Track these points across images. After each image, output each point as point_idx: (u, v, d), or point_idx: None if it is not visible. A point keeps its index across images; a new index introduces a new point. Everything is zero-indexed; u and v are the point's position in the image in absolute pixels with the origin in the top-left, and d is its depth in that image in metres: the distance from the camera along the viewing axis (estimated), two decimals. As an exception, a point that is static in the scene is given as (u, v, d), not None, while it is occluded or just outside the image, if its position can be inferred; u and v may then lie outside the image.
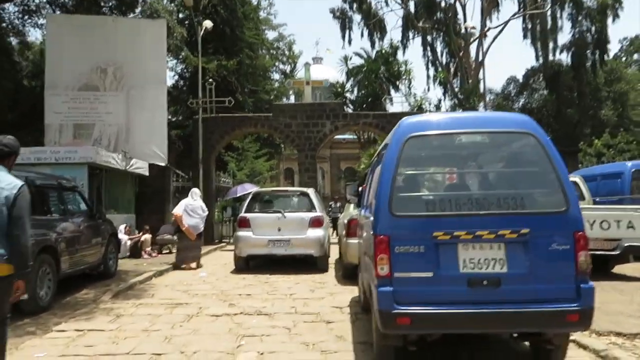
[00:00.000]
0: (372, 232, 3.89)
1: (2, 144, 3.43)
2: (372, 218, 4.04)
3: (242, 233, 9.53)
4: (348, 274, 8.49)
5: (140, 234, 12.33)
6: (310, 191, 10.11)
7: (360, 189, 6.72)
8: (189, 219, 10.25)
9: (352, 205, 8.83)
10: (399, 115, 16.28)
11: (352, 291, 7.32)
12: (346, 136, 51.13)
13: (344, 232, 8.46)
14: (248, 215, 9.62)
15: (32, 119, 15.76)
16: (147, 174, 13.97)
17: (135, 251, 12.08)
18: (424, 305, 3.59)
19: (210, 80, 17.44)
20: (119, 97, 14.64)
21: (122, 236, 12.11)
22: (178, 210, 10.42)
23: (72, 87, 14.45)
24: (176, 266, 10.29)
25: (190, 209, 10.35)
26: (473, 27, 22.84)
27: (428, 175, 4.36)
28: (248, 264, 9.88)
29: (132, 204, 13.57)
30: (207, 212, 10.82)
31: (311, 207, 9.76)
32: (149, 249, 12.41)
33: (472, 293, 3.60)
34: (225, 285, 8.17)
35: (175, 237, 12.99)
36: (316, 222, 9.51)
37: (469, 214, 3.67)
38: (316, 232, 9.43)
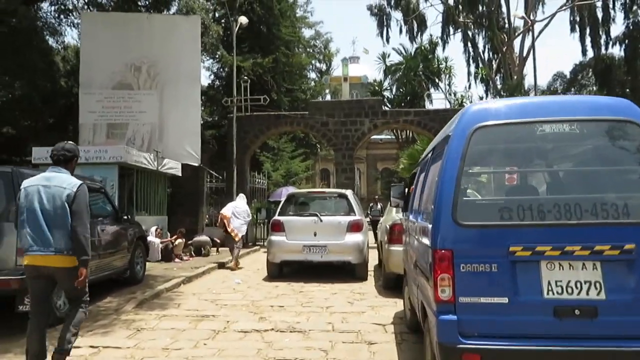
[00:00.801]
0: (429, 245, 3.16)
1: (64, 149, 3.93)
2: (428, 226, 3.31)
3: (275, 237, 8.92)
4: (390, 284, 7.75)
5: (174, 237, 11.91)
6: (349, 193, 9.40)
7: (406, 190, 5.99)
8: (235, 221, 10.80)
9: (394, 209, 8.07)
10: (442, 113, 15.37)
11: (396, 305, 6.58)
12: (383, 136, 50.28)
13: (385, 238, 7.71)
14: (282, 218, 9.00)
15: (68, 119, 15.71)
16: (179, 174, 13.59)
17: (167, 255, 11.66)
18: (497, 339, 2.84)
19: (245, 77, 16.97)
20: (153, 95, 14.34)
21: (153, 239, 11.72)
22: (227, 212, 10.96)
23: (106, 86, 14.24)
24: (221, 265, 10.62)
25: (238, 211, 10.94)
26: (522, 17, 21.46)
27: (501, 175, 3.59)
28: (281, 271, 9.26)
29: (164, 206, 13.21)
30: (250, 217, 11.59)
31: (349, 210, 9.05)
32: (181, 252, 11.99)
33: (560, 325, 2.82)
34: (257, 295, 7.56)
35: (208, 239, 12.60)
36: (355, 227, 8.79)
37: (556, 224, 2.89)
38: (355, 238, 8.72)
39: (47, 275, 3.81)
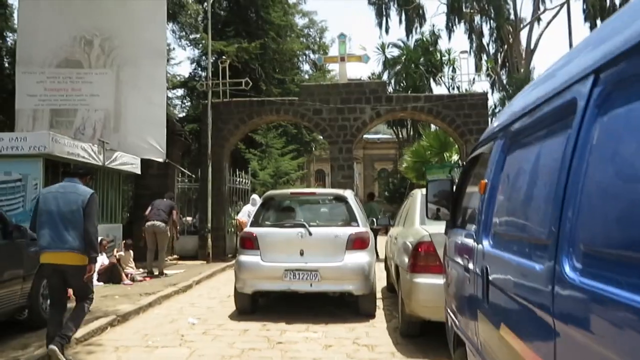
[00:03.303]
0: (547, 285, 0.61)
1: (80, 167, 5.40)
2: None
3: (245, 258, 6.32)
4: (413, 331, 5.21)
5: (115, 250, 9.31)
6: (349, 194, 6.81)
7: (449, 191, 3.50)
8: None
9: (417, 216, 5.49)
10: (458, 99, 12.83)
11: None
12: (380, 136, 47.80)
13: (405, 262, 5.13)
14: (255, 230, 6.40)
15: (12, 105, 13.03)
16: (138, 171, 10.99)
17: (114, 275, 9.06)
18: None
19: (224, 57, 14.34)
20: (108, 75, 11.73)
21: (95, 254, 9.12)
22: (243, 216, 10.50)
23: (49, 64, 11.63)
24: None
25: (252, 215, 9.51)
26: None
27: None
28: (255, 304, 6.65)
29: (117, 211, 10.58)
30: None
31: (350, 219, 6.48)
32: (132, 271, 9.39)
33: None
34: (212, 349, 4.98)
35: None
36: (358, 242, 6.22)
37: None
38: (358, 258, 6.15)
39: (61, 271, 4.33)
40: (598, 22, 32.57)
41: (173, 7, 19.33)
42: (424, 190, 6.11)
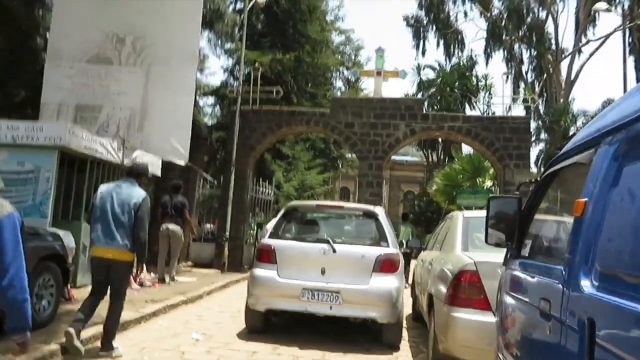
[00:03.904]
0: None
1: (137, 166, 5.03)
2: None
3: (260, 272, 5.72)
4: (446, 372, 4.48)
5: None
6: (380, 211, 6.17)
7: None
8: None
9: (457, 241, 4.81)
10: (498, 121, 12.11)
11: None
12: (408, 158, 46.98)
13: (442, 292, 4.45)
14: (274, 242, 5.81)
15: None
16: (158, 173, 10.53)
17: (123, 278, 8.57)
18: None
19: (257, 65, 13.97)
20: (137, 74, 11.43)
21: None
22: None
23: (80, 59, 11.40)
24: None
25: None
26: (606, 9, 17.90)
27: None
28: (267, 323, 6.03)
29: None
30: None
31: (380, 238, 5.83)
32: (142, 274, 8.88)
33: None
34: (213, 373, 4.38)
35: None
36: (387, 265, 5.56)
37: None
38: (386, 282, 5.49)
39: (107, 265, 4.52)
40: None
41: (211, 15, 19.26)
42: (465, 213, 5.46)
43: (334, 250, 5.58)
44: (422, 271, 6.28)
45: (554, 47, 31.87)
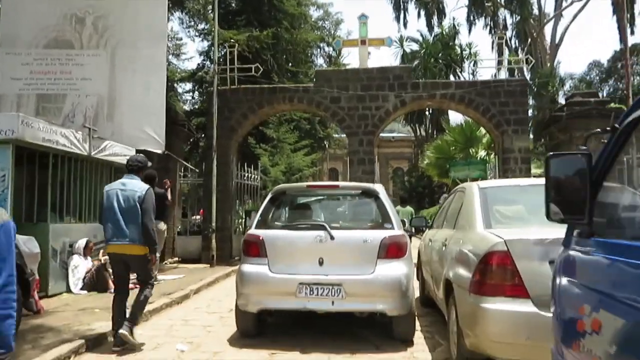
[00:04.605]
0: None
1: (136, 161, 5.01)
2: None
3: (250, 268, 4.98)
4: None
5: (101, 253, 8.05)
6: (380, 189, 5.43)
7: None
8: None
9: (478, 217, 4.08)
10: (493, 85, 11.39)
11: None
12: (395, 134, 46.31)
13: (465, 277, 3.74)
14: (262, 233, 5.05)
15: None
16: (133, 164, 9.67)
17: (100, 281, 7.81)
18: None
19: (233, 41, 13.02)
20: (101, 56, 10.47)
21: (77, 260, 7.89)
22: None
23: (37, 44, 10.40)
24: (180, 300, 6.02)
25: None
26: None
27: None
28: (262, 325, 5.30)
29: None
30: None
31: (383, 219, 5.11)
32: (121, 277, 8.11)
33: None
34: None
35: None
36: (394, 249, 4.85)
37: None
38: (393, 269, 4.78)
39: (124, 260, 4.78)
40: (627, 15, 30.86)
41: (179, -9, 18.20)
42: (480, 183, 4.73)
43: (332, 237, 4.84)
44: (431, 252, 5.59)
45: (536, 12, 31.30)
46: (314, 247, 4.86)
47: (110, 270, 8.02)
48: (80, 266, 7.93)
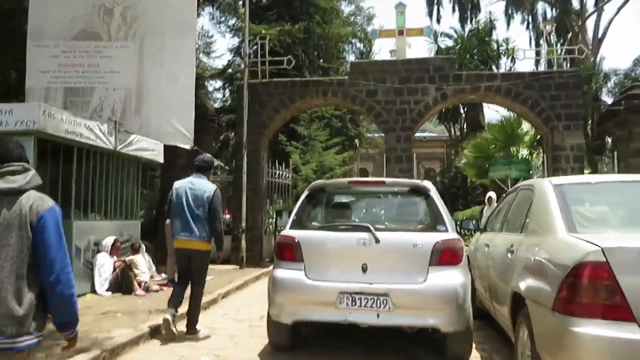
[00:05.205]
0: None
1: (203, 161, 5.26)
2: None
3: (283, 273, 4.42)
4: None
5: (127, 256, 7.65)
6: (431, 186, 4.80)
7: None
8: None
9: (557, 219, 3.40)
10: (542, 77, 10.56)
11: None
12: (426, 134, 45.17)
13: (546, 292, 3.09)
14: (297, 234, 4.48)
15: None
16: (160, 159, 9.32)
17: (124, 282, 7.40)
18: None
19: (264, 33, 12.55)
20: (129, 48, 10.15)
21: (103, 259, 7.51)
22: None
23: (65, 36, 10.14)
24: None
25: None
26: None
27: None
28: (296, 337, 4.73)
29: (135, 205, 8.94)
30: None
31: (435, 221, 4.48)
32: (145, 278, 7.70)
33: None
34: None
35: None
36: (448, 255, 4.21)
37: None
38: (448, 278, 4.15)
39: (188, 255, 5.05)
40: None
41: (211, -14, 17.89)
42: (553, 180, 4.04)
43: (377, 240, 4.24)
44: (488, 259, 4.91)
45: (577, 5, 30.01)
46: (356, 251, 4.26)
47: (136, 271, 7.67)
48: (107, 265, 7.55)
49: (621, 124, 10.40)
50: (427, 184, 4.79)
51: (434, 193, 4.65)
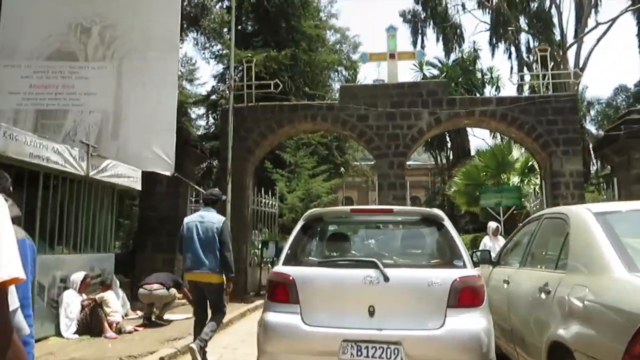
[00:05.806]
0: None
1: (212, 195, 5.53)
2: None
3: (276, 317, 3.75)
4: None
5: (96, 293, 6.89)
6: (443, 215, 4.23)
7: None
8: None
9: (608, 253, 2.85)
10: (538, 101, 10.24)
11: None
12: (411, 162, 45.08)
13: (606, 347, 2.50)
14: (291, 271, 3.85)
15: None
16: (138, 187, 8.64)
17: (93, 323, 6.62)
18: None
19: (250, 57, 12.09)
20: (107, 69, 9.56)
21: (70, 296, 6.74)
22: None
23: (38, 56, 9.53)
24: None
25: None
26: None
27: None
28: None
29: (108, 237, 8.18)
30: None
31: (451, 255, 3.90)
32: (119, 319, 6.91)
33: None
34: None
35: (166, 291, 7.56)
36: (468, 295, 3.61)
37: None
38: (469, 322, 3.54)
39: (201, 288, 5.16)
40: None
41: (195, 10, 17.49)
42: (592, 207, 3.48)
43: (386, 278, 3.63)
44: (510, 298, 4.31)
45: (558, 37, 30.59)
46: (361, 291, 3.64)
47: (107, 310, 6.89)
48: (75, 304, 6.77)
49: (620, 150, 10.08)
50: (440, 212, 4.22)
51: (447, 223, 4.08)
